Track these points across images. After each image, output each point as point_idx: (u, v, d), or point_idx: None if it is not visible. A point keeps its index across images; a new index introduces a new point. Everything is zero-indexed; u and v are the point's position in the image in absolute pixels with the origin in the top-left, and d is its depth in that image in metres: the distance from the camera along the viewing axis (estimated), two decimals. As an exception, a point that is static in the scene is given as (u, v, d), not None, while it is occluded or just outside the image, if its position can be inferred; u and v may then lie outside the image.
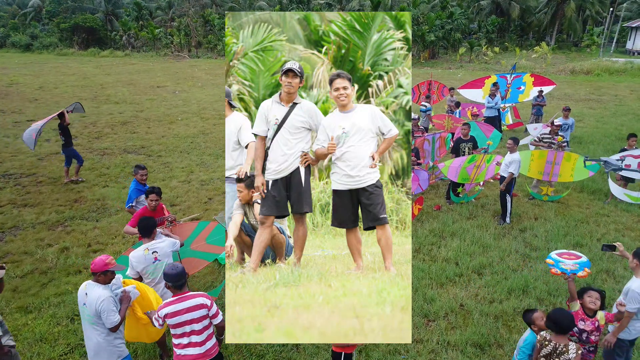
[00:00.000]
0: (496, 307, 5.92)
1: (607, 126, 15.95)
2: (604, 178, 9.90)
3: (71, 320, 5.67)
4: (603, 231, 8.11)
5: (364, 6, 43.84)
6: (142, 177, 6.47)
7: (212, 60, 39.50)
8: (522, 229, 8.25)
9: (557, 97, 20.93)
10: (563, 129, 11.19)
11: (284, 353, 5.13)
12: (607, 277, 6.71)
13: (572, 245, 7.60)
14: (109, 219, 8.55)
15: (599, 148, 13.03)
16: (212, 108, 18.82)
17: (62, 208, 9.01)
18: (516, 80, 15.08)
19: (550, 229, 8.14)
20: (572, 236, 7.89)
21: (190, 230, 5.62)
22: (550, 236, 7.88)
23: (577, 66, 31.41)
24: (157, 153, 12.63)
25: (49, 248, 7.49)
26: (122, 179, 10.66)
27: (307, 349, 5.18)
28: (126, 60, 37.52)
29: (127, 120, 16.45)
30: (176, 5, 53.97)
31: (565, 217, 8.66)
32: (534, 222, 8.52)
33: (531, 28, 48.66)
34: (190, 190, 10.01)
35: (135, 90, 22.85)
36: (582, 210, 9.02)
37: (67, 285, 6.39)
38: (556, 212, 8.90)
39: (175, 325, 3.78)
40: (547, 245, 7.56)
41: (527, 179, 10.14)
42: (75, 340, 5.30)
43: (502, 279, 6.56)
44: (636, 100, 21.44)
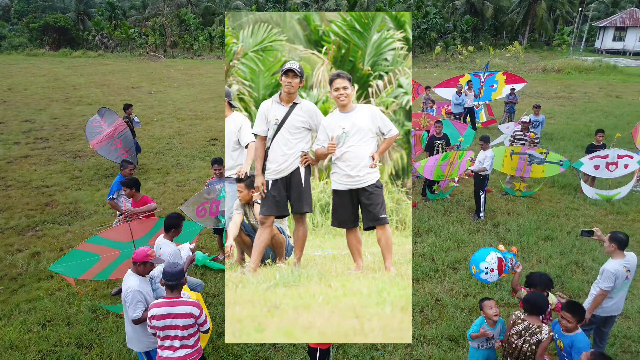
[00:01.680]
0: (470, 300, 6.03)
1: (577, 122, 16.41)
2: (574, 173, 10.19)
3: (43, 326, 5.54)
4: (573, 224, 8.35)
5: (341, 6, 43.99)
6: (130, 172, 6.72)
7: (188, 60, 39.02)
8: (495, 224, 8.43)
9: (529, 95, 21.42)
10: (534, 126, 11.46)
11: (261, 353, 5.13)
12: (577, 268, 6.91)
13: (543, 238, 7.81)
14: (82, 223, 8.37)
15: (569, 144, 13.39)
16: (188, 109, 18.60)
17: (32, 212, 8.78)
18: (489, 78, 15.38)
19: (522, 224, 8.33)
20: (544, 230, 8.10)
21: (150, 227, 5.47)
22: (523, 230, 8.07)
23: (549, 65, 32.21)
24: (132, 155, 12.41)
25: (19, 253, 7.29)
26: (96, 181, 10.45)
27: (284, 347, 5.19)
28: (99, 61, 36.74)
29: (101, 122, 16.10)
30: (151, 5, 53.13)
31: (536, 212, 8.88)
32: (507, 217, 8.72)
33: (504, 27, 49.69)
34: (166, 192, 9.88)
35: (109, 91, 22.40)
36: (553, 205, 9.27)
37: (39, 291, 6.24)
38: (528, 207, 9.11)
39: (161, 328, 3.78)
40: (519, 239, 7.74)
41: (500, 175, 10.35)
42: (47, 347, 5.18)
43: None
44: (604, 97, 22.11)
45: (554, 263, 7.00)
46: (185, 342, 3.82)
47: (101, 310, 5.79)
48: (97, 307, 5.83)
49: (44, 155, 12.30)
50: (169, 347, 3.81)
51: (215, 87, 24.20)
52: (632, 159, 9.11)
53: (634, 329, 5.54)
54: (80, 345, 5.25)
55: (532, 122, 10.98)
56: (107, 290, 6.29)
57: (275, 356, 5.09)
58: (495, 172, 10.11)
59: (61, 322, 5.60)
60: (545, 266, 6.88)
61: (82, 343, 5.28)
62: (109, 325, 5.53)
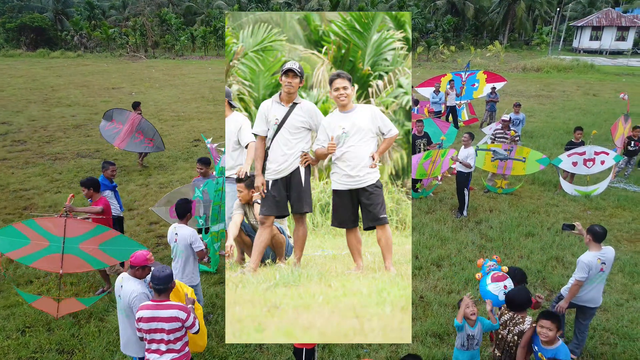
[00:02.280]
0: (454, 297, 6.10)
1: (556, 120, 16.73)
2: (554, 170, 10.39)
3: (22, 332, 5.42)
4: (553, 220, 8.51)
5: (323, 6, 44.05)
6: (112, 173, 6.63)
7: (170, 60, 38.59)
8: (478, 221, 8.54)
9: (509, 94, 21.75)
10: (515, 124, 11.65)
11: (247, 354, 5.10)
12: (557, 263, 7.05)
13: (524, 235, 7.94)
14: (62, 226, 8.21)
15: (549, 141, 13.64)
16: (170, 109, 18.40)
17: (10, 217, 8.57)
18: (470, 77, 15.57)
19: (504, 220, 8.46)
20: (525, 226, 8.23)
21: (86, 230, 5.29)
22: (505, 227, 8.19)
23: (528, 64, 32.79)
24: (113, 157, 12.22)
25: (-3, 259, 7.12)
26: (76, 184, 10.25)
27: (270, 348, 5.17)
28: (78, 61, 36.08)
29: (81, 124, 15.84)
30: (131, 4, 52.40)
31: (518, 209, 9.02)
32: (489, 214, 8.84)
33: (485, 27, 50.41)
34: (149, 193, 9.76)
35: (88, 92, 22.02)
36: (533, 202, 9.43)
37: (17, 297, 6.09)
38: (510, 204, 9.26)
39: (148, 331, 3.74)
40: (501, 236, 7.86)
41: (482, 173, 10.49)
42: (27, 354, 5.07)
43: (459, 270, 6.77)
44: (582, 95, 22.59)
45: (535, 259, 7.12)
46: (172, 347, 3.78)
47: (82, 314, 5.70)
48: (79, 312, 5.73)
49: (22, 158, 12.03)
50: (155, 350, 3.77)
51: (197, 87, 23.99)
52: (608, 155, 9.34)
53: (612, 321, 5.68)
54: (61, 351, 5.15)
55: (512, 120, 11.16)
56: (88, 295, 6.18)
57: (261, 357, 5.07)
58: (478, 170, 10.24)
59: (41, 328, 5.49)
60: (527, 262, 7.00)
61: (64, 349, 5.18)
62: (91, 330, 5.44)
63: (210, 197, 6.63)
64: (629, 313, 5.85)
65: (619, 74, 30.60)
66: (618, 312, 5.87)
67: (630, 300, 6.15)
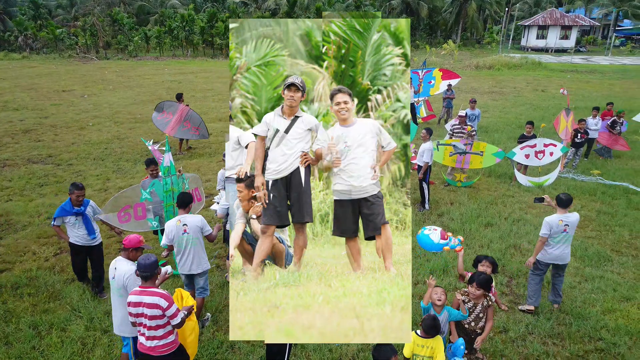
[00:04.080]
0: (420, 288, 6.29)
1: (509, 115, 17.48)
2: (508, 163, 10.86)
3: (-23, 348, 5.14)
4: (509, 210, 8.91)
5: (280, 6, 43.95)
6: (77, 199, 5.87)
7: (123, 61, 37.36)
8: (440, 213, 8.81)
9: (464, 91, 22.50)
10: (470, 119, 12.09)
11: (218, 355, 5.06)
12: (515, 251, 7.40)
13: (484, 225, 8.27)
14: (15, 235, 7.83)
15: (503, 135, 14.24)
16: (126, 112, 17.84)
17: (-43, 227, 8.09)
18: (427, 75, 16.00)
19: (464, 212, 8.78)
20: (484, 217, 8.58)
21: None
22: (465, 218, 8.50)
23: (481, 62, 34.03)
24: (67, 161, 11.76)
25: (-56, 272, 6.71)
26: (28, 191, 9.80)
27: (242, 348, 5.16)
28: (24, 63, 34.32)
29: (30, 128, 15.09)
30: (79, 4, 50.34)
31: (477, 201, 9.38)
32: (450, 206, 9.14)
33: (439, 27, 51.86)
34: (108, 198, 9.42)
35: (37, 95, 20.99)
36: (491, 193, 9.83)
37: (-30, 311, 5.77)
38: (469, 197, 9.61)
39: (135, 315, 3.93)
40: (462, 227, 8.15)
41: (442, 167, 10.82)
42: (-16, 370, 4.82)
43: (424, 262, 6.98)
44: (532, 91, 23.69)
45: (495, 247, 7.44)
46: (153, 333, 3.90)
47: (43, 325, 5.47)
48: (39, 323, 5.49)
49: (-33, 165, 11.36)
50: (142, 334, 3.99)
51: (154, 89, 23.37)
52: (556, 147, 9.86)
53: (567, 303, 6.03)
54: (21, 365, 4.93)
55: (468, 115, 11.58)
56: (48, 305, 5.93)
57: (233, 357, 5.05)
58: (437, 164, 10.56)
59: (-2, 342, 5.23)
60: (487, 250, 7.30)
61: (24, 362, 4.96)
62: (53, 340, 5.23)
63: (161, 197, 6.54)
64: (582, 294, 6.23)
65: (564, 71, 32.30)
66: (572, 294, 6.23)
67: (582, 282, 6.54)
